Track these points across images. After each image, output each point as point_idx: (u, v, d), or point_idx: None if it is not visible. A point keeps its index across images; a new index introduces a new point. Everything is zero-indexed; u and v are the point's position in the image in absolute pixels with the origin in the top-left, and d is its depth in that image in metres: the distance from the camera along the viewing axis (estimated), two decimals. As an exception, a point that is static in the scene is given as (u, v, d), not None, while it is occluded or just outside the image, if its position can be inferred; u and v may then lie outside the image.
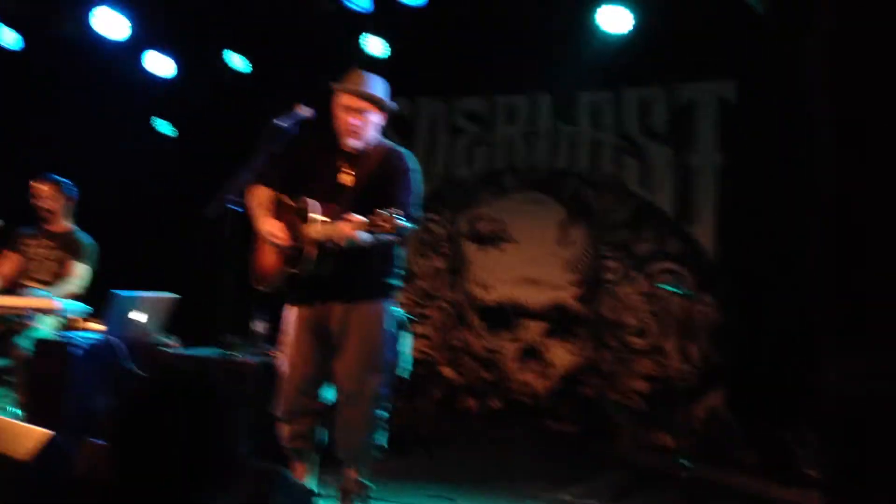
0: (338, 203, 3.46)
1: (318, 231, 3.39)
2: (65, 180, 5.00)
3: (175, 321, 4.73)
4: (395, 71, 6.12)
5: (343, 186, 3.53)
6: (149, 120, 6.96)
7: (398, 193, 3.48)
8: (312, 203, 3.45)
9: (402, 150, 3.70)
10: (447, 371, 6.53)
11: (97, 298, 4.62)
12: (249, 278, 3.71)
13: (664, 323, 5.85)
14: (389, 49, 6.04)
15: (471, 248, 6.55)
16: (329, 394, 3.68)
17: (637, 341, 5.95)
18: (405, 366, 3.90)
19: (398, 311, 3.75)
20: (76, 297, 4.70)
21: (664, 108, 5.95)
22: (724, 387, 5.58)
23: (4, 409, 4.46)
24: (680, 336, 5.68)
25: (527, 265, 6.33)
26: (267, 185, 3.66)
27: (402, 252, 3.69)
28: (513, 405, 6.26)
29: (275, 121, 3.62)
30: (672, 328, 5.79)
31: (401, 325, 3.78)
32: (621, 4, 5.31)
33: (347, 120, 3.54)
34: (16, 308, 4.20)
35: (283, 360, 3.67)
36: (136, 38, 6.15)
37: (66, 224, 4.99)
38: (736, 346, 5.53)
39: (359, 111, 3.54)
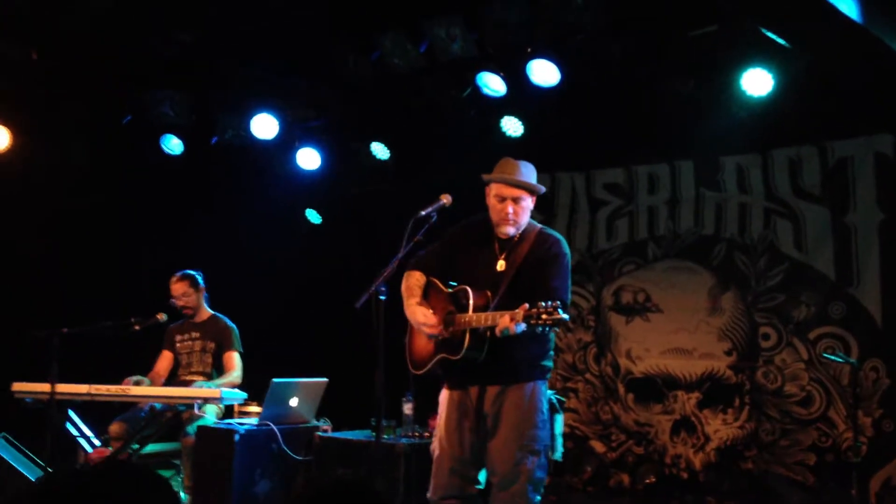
0: (492, 288, 3.57)
1: (472, 319, 3.48)
2: (194, 272, 5.30)
3: (327, 405, 4.90)
4: (533, 149, 6.28)
5: (498, 273, 3.64)
6: (300, 211, 7.34)
7: (551, 279, 3.56)
8: (467, 290, 3.58)
9: (554, 234, 3.79)
10: (598, 445, 6.39)
11: (248, 385, 4.89)
12: (406, 362, 3.84)
13: (829, 391, 5.51)
14: (525, 128, 6.14)
15: (617, 320, 6.45)
16: (482, 476, 3.70)
17: (800, 411, 5.63)
18: (558, 447, 3.87)
19: (550, 392, 3.75)
20: (236, 385, 4.98)
21: (816, 166, 5.71)
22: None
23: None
24: (848, 404, 5.33)
25: (676, 334, 6.15)
26: (420, 269, 3.83)
27: (553, 334, 3.73)
28: (669, 480, 6.03)
29: (421, 212, 3.79)
30: (838, 396, 5.45)
31: (553, 407, 3.77)
32: (762, 66, 5.21)
33: (502, 209, 3.65)
34: (184, 398, 4.49)
35: (437, 442, 3.73)
36: (287, 136, 6.58)
37: (206, 311, 5.29)
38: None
39: (513, 199, 3.65)
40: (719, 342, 6.00)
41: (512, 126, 6.23)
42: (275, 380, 4.53)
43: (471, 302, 3.54)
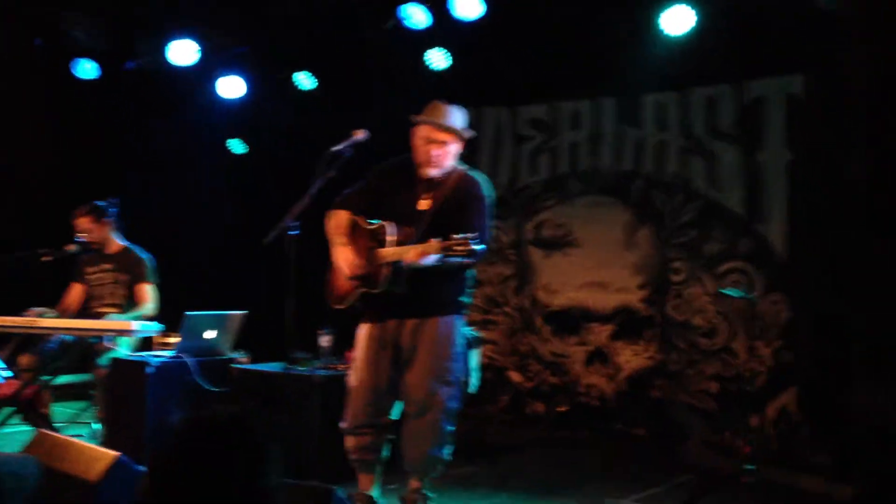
0: (415, 226, 3.64)
1: (390, 253, 3.58)
2: (100, 203, 5.13)
3: (245, 337, 4.93)
4: (459, 81, 6.29)
5: (420, 211, 3.70)
6: (222, 142, 7.22)
7: (473, 218, 3.63)
8: (389, 226, 3.65)
9: (477, 175, 3.85)
10: (515, 376, 6.58)
11: (166, 315, 4.87)
12: (326, 297, 3.91)
13: (733, 323, 5.76)
14: (451, 61, 6.12)
15: (536, 254, 6.58)
16: (396, 410, 3.80)
17: (706, 342, 5.88)
18: (473, 381, 3.99)
19: (467, 328, 3.85)
20: (151, 318, 4.95)
21: (731, 106, 5.84)
22: (796, 386, 5.46)
23: (88, 424, 4.76)
24: (750, 336, 5.58)
25: (593, 269, 6.32)
26: (344, 208, 3.86)
27: (472, 271, 3.83)
28: (581, 409, 6.26)
29: (335, 147, 3.80)
30: (741, 328, 5.69)
31: (469, 342, 3.87)
32: (685, 3, 5.27)
33: (428, 151, 3.70)
34: (95, 331, 4.45)
35: (353, 374, 3.82)
36: (207, 64, 6.42)
37: (118, 243, 5.19)
38: (807, 345, 5.41)
39: (440, 143, 3.69)
40: (633, 277, 6.18)
41: (438, 59, 6.20)
42: (188, 312, 4.53)
43: (392, 238, 3.62)
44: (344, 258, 3.76)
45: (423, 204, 3.72)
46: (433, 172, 3.72)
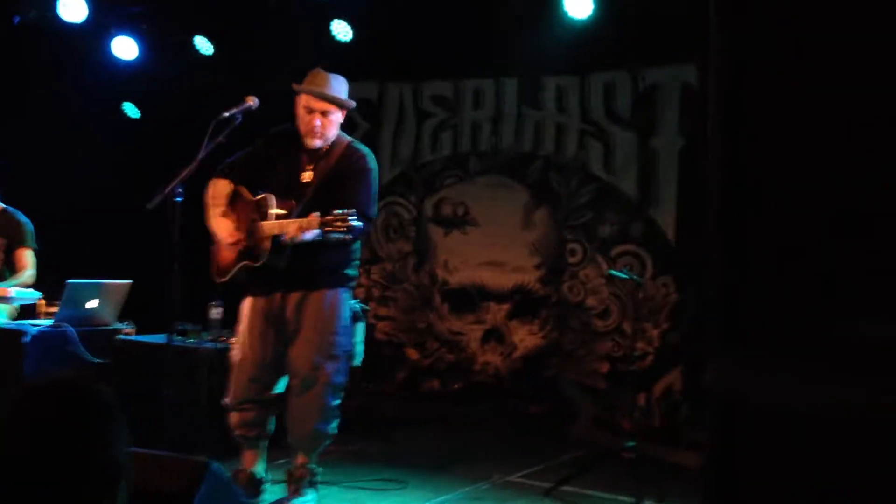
0: (297, 199, 3.59)
1: (271, 226, 3.50)
2: None
3: (132, 308, 4.77)
4: (363, 55, 6.22)
5: (303, 184, 3.65)
6: (114, 105, 6.95)
7: (356, 192, 3.60)
8: (270, 198, 3.58)
9: (362, 148, 3.81)
10: (412, 353, 6.60)
11: (49, 283, 4.68)
12: (210, 270, 3.83)
13: (625, 305, 5.91)
14: (354, 34, 6.04)
15: (436, 232, 6.60)
16: (281, 385, 3.75)
17: (599, 323, 6.02)
18: (359, 354, 3.97)
19: (353, 301, 3.82)
20: (30, 285, 4.74)
21: (628, 92, 5.97)
22: (681, 366, 5.66)
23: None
24: (639, 317, 5.74)
25: (491, 248, 6.38)
26: (226, 177, 3.77)
27: (358, 244, 3.80)
28: (476, 386, 6.33)
29: (224, 113, 3.68)
30: (632, 310, 5.85)
31: (356, 316, 3.85)
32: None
33: (310, 121, 3.64)
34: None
35: (236, 349, 3.75)
36: (101, 23, 6.15)
37: None
38: (692, 327, 5.60)
39: (321, 112, 3.63)
40: (530, 256, 6.27)
41: (342, 30, 6.11)
42: (70, 280, 4.36)
43: (273, 210, 3.56)
44: (223, 229, 3.69)
45: (306, 176, 3.67)
46: (316, 143, 3.67)
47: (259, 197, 3.66)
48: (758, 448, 1.14)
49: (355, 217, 3.27)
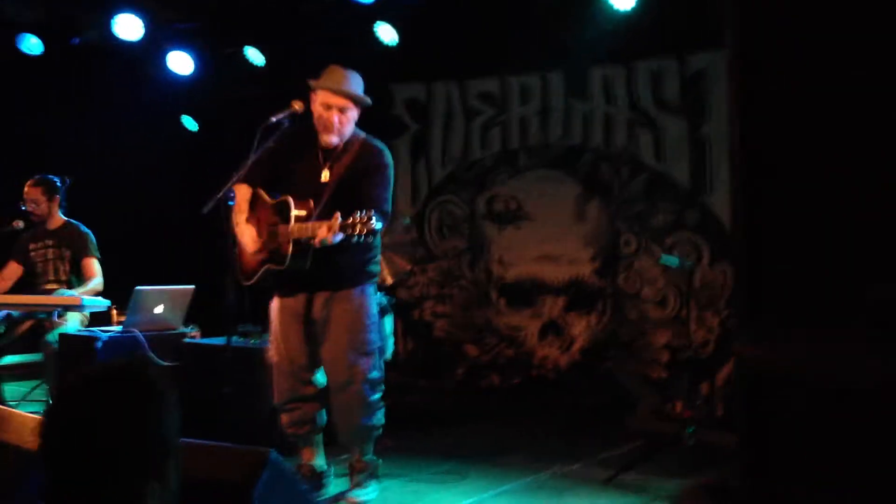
0: (315, 198, 3.61)
1: (300, 230, 3.53)
2: (52, 177, 5.13)
3: (196, 311, 4.93)
4: (409, 56, 6.30)
5: (321, 183, 3.67)
6: (172, 118, 7.16)
7: (373, 189, 3.61)
8: (290, 201, 3.61)
9: (378, 144, 3.81)
10: (470, 349, 6.65)
11: (112, 290, 4.86)
12: (236, 273, 3.86)
13: (682, 293, 5.86)
14: (399, 36, 6.12)
15: (490, 228, 6.64)
16: (321, 378, 3.82)
17: (657, 312, 5.99)
18: (389, 347, 4.02)
19: (379, 295, 3.87)
20: (99, 293, 4.94)
21: (675, 78, 5.92)
22: (743, 355, 5.60)
23: (42, 403, 4.75)
24: (700, 305, 5.69)
25: (545, 242, 6.39)
26: (245, 182, 3.79)
27: (378, 240, 3.81)
28: (535, 380, 6.35)
29: (272, 119, 3.76)
30: (692, 298, 5.80)
31: (383, 310, 3.90)
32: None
33: (328, 117, 3.66)
34: (44, 306, 4.43)
35: (272, 350, 3.83)
36: (156, 40, 6.35)
37: (60, 218, 5.15)
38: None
39: (339, 109, 3.65)
40: (584, 249, 6.26)
41: (386, 33, 6.20)
42: (138, 287, 4.53)
43: (292, 213, 3.58)
44: (247, 236, 3.72)
45: (324, 175, 3.68)
46: (333, 140, 3.68)
47: (278, 200, 3.68)
48: (784, 415, 1.16)
49: (376, 217, 3.28)
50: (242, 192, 3.80)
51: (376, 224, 3.28)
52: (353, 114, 3.72)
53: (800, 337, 1.24)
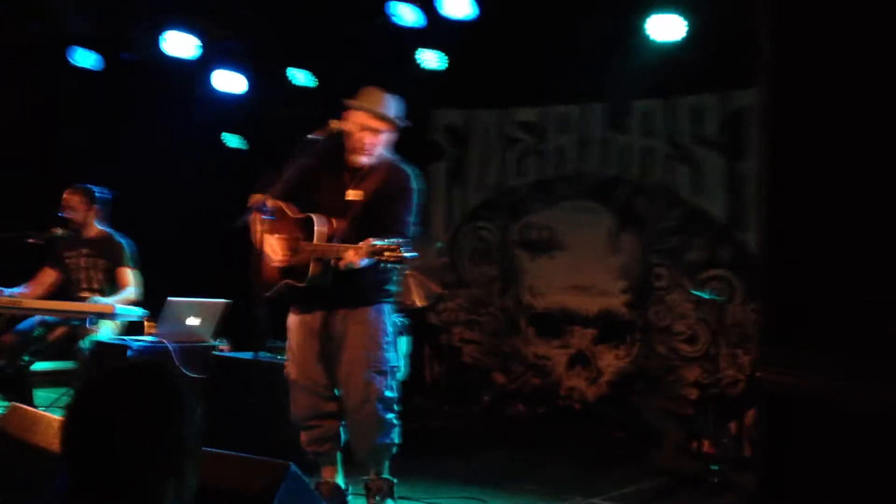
0: (339, 217, 3.63)
1: (318, 248, 3.54)
2: (93, 187, 5.21)
3: (229, 325, 4.99)
4: (450, 82, 6.37)
5: (349, 202, 3.68)
6: (218, 136, 7.28)
7: (399, 212, 3.63)
8: (319, 218, 3.62)
9: (406, 167, 3.83)
10: (498, 376, 6.63)
11: (151, 302, 4.93)
12: (253, 282, 3.82)
13: (713, 330, 5.81)
14: (446, 62, 6.19)
15: (522, 256, 6.64)
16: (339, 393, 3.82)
17: (687, 348, 5.93)
18: (402, 368, 4.00)
19: (396, 316, 3.87)
20: (134, 303, 5.02)
21: (715, 114, 5.92)
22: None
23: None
24: (729, 343, 5.63)
25: (577, 272, 6.38)
26: (269, 194, 3.75)
27: None
28: (561, 411, 6.32)
29: (309, 136, 3.79)
30: (722, 335, 5.74)
31: (400, 330, 3.90)
32: (674, 12, 5.34)
33: (362, 138, 3.68)
34: (77, 312, 4.52)
35: (290, 366, 3.82)
36: (205, 58, 6.48)
37: (97, 228, 5.21)
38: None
39: (373, 130, 3.68)
40: (616, 281, 6.24)
41: (430, 58, 6.27)
42: (170, 297, 4.60)
43: (316, 230, 3.58)
44: (270, 247, 3.72)
45: (352, 194, 3.68)
46: (363, 160, 3.69)
47: (304, 215, 3.68)
48: (804, 440, 1.16)
49: (407, 247, 3.27)
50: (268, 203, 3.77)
51: (407, 254, 3.27)
52: (387, 136, 3.74)
53: (822, 364, 1.23)
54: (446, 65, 6.20)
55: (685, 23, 5.33)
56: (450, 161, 6.94)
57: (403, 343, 3.89)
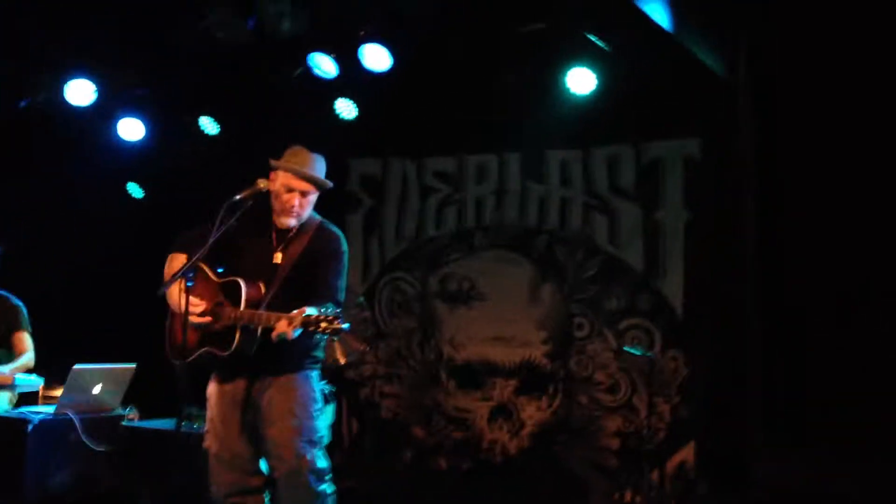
0: (266, 281, 3.47)
1: (245, 315, 3.35)
2: None
3: (135, 391, 4.70)
4: (366, 131, 6.28)
5: (275, 265, 3.53)
6: (120, 185, 6.98)
7: (330, 276, 3.51)
8: (247, 283, 3.43)
9: (334, 229, 3.72)
10: (418, 431, 6.48)
11: (51, 367, 4.61)
12: (165, 349, 3.63)
13: (634, 379, 5.83)
14: (357, 111, 6.10)
15: (441, 308, 6.55)
16: (263, 466, 3.62)
17: (607, 398, 5.94)
18: (326, 437, 3.85)
19: (322, 383, 3.72)
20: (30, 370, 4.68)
21: (631, 165, 6.00)
22: (694, 442, 5.56)
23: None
24: (649, 392, 5.66)
25: (497, 323, 6.32)
26: (185, 253, 3.59)
27: None
28: (484, 464, 6.20)
29: (236, 197, 3.57)
30: (642, 384, 5.76)
31: (326, 397, 3.76)
32: (586, 66, 5.41)
33: (290, 199, 3.55)
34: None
35: (209, 438, 3.60)
36: (108, 105, 6.21)
37: None
38: (703, 402, 5.52)
39: (301, 192, 3.56)
40: (537, 331, 6.21)
41: (345, 108, 6.17)
42: (76, 366, 4.29)
43: (244, 295, 3.40)
44: (191, 311, 3.44)
45: (278, 258, 3.54)
46: (291, 222, 3.58)
47: (227, 279, 3.50)
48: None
49: (342, 319, 3.14)
50: (181, 262, 3.57)
51: (343, 325, 3.13)
52: (314, 197, 3.62)
53: (819, 456, 1.18)
54: (361, 114, 6.12)
55: (595, 77, 5.41)
56: (366, 211, 6.81)
57: (329, 411, 3.72)
